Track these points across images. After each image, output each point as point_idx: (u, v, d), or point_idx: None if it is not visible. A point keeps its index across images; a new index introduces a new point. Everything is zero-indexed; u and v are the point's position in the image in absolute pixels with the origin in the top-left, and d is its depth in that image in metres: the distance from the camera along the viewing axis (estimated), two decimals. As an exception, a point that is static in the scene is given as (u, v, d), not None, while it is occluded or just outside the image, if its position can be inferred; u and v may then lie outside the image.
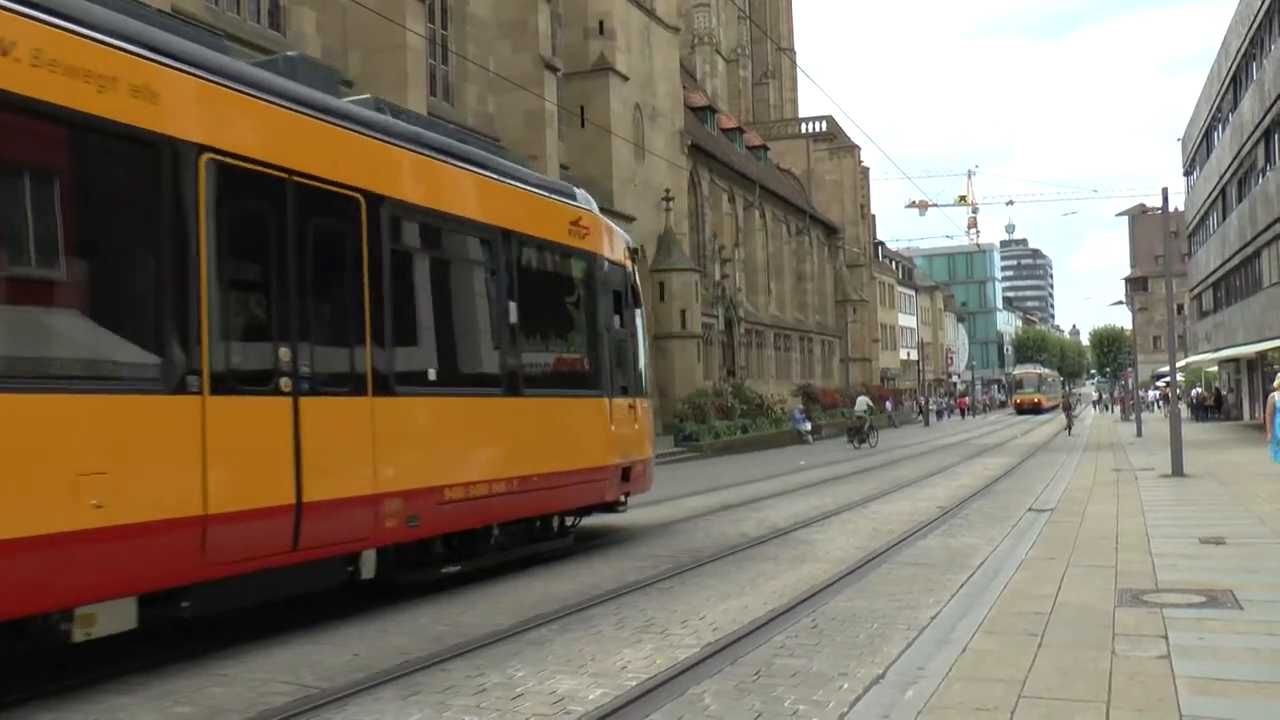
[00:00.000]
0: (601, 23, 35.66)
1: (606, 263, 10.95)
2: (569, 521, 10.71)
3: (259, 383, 6.54)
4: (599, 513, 11.14)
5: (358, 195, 7.40)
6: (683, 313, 38.45)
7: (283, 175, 6.78)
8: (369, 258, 7.47)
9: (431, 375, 8.20)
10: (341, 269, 7.35)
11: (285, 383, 6.65)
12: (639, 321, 11.88)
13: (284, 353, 6.67)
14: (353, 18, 23.13)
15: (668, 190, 38.88)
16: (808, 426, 39.49)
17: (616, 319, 11.14)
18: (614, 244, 11.28)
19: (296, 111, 7.04)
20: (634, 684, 5.57)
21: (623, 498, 11.31)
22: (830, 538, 11.49)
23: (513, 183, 9.59)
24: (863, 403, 36.80)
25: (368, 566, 7.50)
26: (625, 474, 11.10)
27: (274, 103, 6.86)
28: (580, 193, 11.12)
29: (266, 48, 19.79)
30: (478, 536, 8.86)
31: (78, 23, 5.58)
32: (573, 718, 5.05)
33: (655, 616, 7.38)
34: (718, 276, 46.10)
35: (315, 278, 7.04)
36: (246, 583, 6.46)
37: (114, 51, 5.74)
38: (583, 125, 34.57)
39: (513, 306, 9.14)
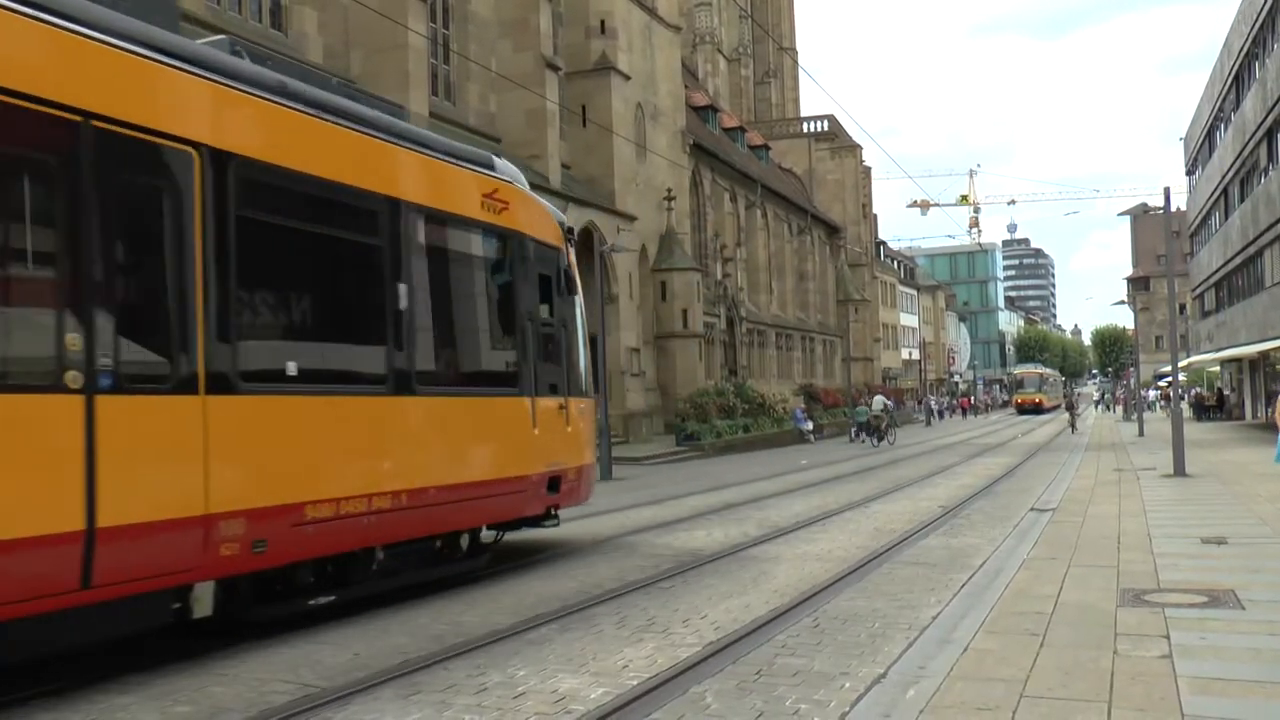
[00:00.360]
0: (603, 22, 35.60)
1: (531, 243, 9.58)
2: (493, 537, 9.59)
3: (33, 377, 5.30)
4: (527, 528, 9.96)
5: (190, 149, 6.10)
6: (684, 312, 38.48)
7: (76, 118, 5.47)
8: (205, 225, 6.14)
9: (291, 370, 6.83)
10: (163, 237, 6.02)
11: (74, 377, 5.32)
12: (577, 311, 10.60)
13: (73, 340, 5.35)
14: (354, 17, 23.16)
15: (669, 190, 38.84)
16: (809, 426, 39.69)
17: (544, 308, 9.78)
18: (542, 222, 9.96)
19: (101, 42, 5.68)
20: (635, 683, 5.57)
21: (552, 510, 10.00)
22: (832, 537, 11.49)
23: (409, 145, 8.24)
24: (879, 401, 37.35)
25: (202, 602, 6.25)
26: (554, 484, 9.75)
27: (63, 28, 5.49)
28: (501, 162, 9.70)
29: (268, 48, 19.78)
30: (358, 560, 7.59)
31: None
32: (574, 717, 5.05)
33: (657, 615, 7.37)
34: (719, 276, 46.08)
35: (125, 248, 5.84)
36: (14, 631, 5.16)
37: None
38: (584, 124, 34.54)
39: (402, 290, 7.81)
